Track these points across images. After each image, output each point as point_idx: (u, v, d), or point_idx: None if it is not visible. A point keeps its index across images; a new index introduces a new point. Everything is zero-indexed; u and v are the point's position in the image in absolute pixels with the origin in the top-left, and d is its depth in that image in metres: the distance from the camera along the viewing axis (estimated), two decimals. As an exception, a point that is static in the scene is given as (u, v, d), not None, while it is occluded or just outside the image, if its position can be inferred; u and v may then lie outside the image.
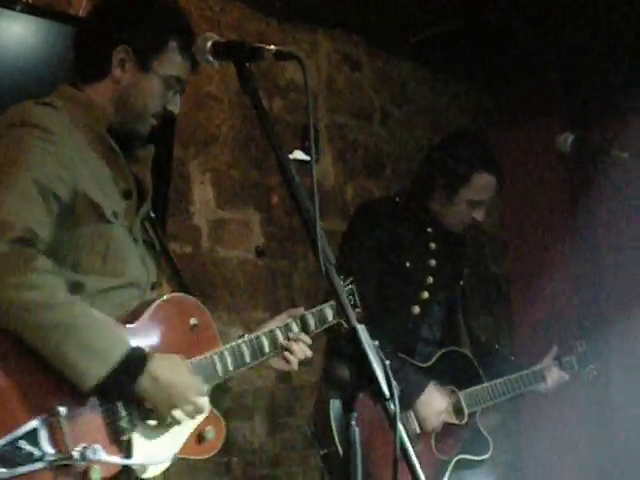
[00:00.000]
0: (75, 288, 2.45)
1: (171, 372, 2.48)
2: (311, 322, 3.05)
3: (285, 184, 2.10)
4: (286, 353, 2.90)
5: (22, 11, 3.93)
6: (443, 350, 3.99)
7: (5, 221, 2.31)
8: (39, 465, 2.24)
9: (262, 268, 5.40)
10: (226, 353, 2.71)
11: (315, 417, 3.66)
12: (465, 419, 3.89)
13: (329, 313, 3.12)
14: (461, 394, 3.91)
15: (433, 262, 3.98)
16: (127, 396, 2.41)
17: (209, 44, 2.30)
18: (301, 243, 5.55)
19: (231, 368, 2.72)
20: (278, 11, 5.53)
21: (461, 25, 5.91)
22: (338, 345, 3.41)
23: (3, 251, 2.28)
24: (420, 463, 1.87)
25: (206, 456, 2.69)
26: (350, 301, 3.23)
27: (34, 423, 2.25)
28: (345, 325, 2.89)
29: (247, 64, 2.22)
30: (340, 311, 1.99)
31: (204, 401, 2.57)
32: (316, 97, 5.86)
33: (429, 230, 4.00)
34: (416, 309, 3.92)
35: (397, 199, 4.07)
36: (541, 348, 4.33)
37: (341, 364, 1.92)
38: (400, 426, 1.86)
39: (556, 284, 6.52)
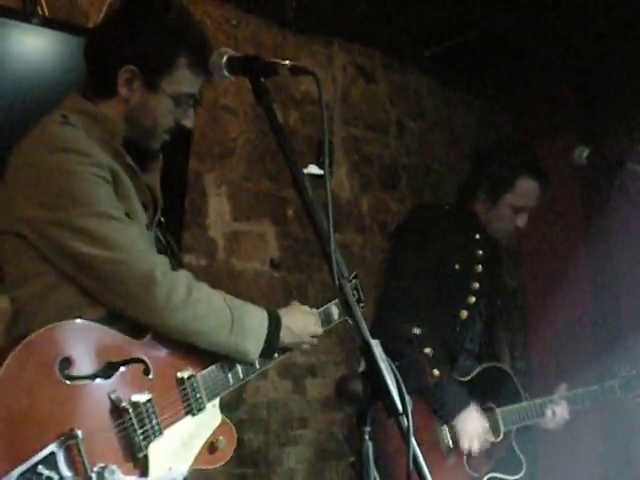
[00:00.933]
0: None
1: (297, 320, 2.91)
2: (335, 313, 3.25)
3: (299, 198, 2.11)
4: None
5: (39, 24, 3.94)
6: (484, 365, 3.99)
7: (144, 255, 2.47)
8: None
9: (277, 280, 5.40)
10: (234, 362, 2.75)
11: (347, 424, 3.67)
12: (500, 437, 3.88)
13: (335, 312, 3.24)
14: (498, 411, 3.90)
15: (480, 268, 4.01)
16: (277, 348, 2.81)
17: (224, 59, 2.29)
18: (316, 255, 5.55)
19: (242, 376, 2.79)
20: (294, 24, 5.54)
21: (476, 38, 5.91)
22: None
23: (157, 279, 2.42)
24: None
25: (218, 465, 2.72)
26: (354, 296, 3.24)
27: (51, 447, 2.23)
28: (350, 322, 2.97)
29: (262, 79, 2.22)
30: (355, 326, 1.98)
31: (314, 339, 3.00)
32: (332, 110, 5.87)
33: (477, 237, 4.03)
34: (464, 314, 3.94)
35: (446, 207, 4.14)
36: (556, 362, 4.31)
37: (354, 377, 1.91)
38: (413, 441, 1.86)
39: (571, 297, 6.50)
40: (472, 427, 3.77)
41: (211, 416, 2.69)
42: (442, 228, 3.99)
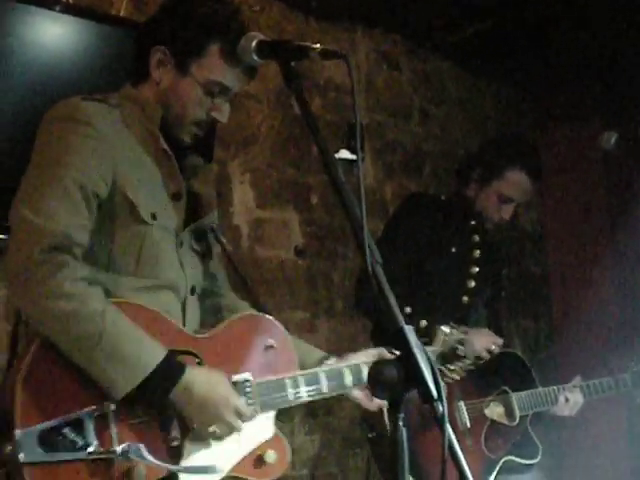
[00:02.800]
0: (106, 292, 2.41)
1: (208, 387, 2.42)
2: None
3: (330, 183, 2.09)
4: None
5: (62, 11, 3.93)
6: (502, 350, 3.98)
7: (44, 227, 2.29)
8: (79, 455, 2.22)
9: (302, 268, 5.39)
10: (301, 379, 2.67)
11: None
12: (516, 421, 3.89)
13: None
14: (514, 396, 3.91)
15: (477, 253, 4.03)
16: (161, 406, 2.37)
17: (254, 43, 2.28)
18: (341, 242, 5.55)
19: (304, 395, 2.67)
20: (317, 10, 5.52)
21: (499, 24, 5.88)
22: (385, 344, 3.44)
23: (37, 259, 2.26)
24: (468, 458, 1.85)
25: None
26: (458, 351, 3.26)
27: (82, 413, 2.24)
28: (447, 374, 2.89)
29: (292, 63, 2.20)
30: (387, 311, 1.96)
31: (240, 423, 2.49)
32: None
33: (472, 222, 4.04)
34: (465, 299, 3.95)
35: (442, 197, 4.17)
36: (583, 349, 4.30)
37: (388, 364, 1.90)
38: (448, 427, 1.84)
39: (597, 284, 6.47)
40: (478, 343, 3.82)
41: (262, 427, 2.61)
42: (436, 214, 4.01)
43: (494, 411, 3.86)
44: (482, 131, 6.79)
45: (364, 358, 2.88)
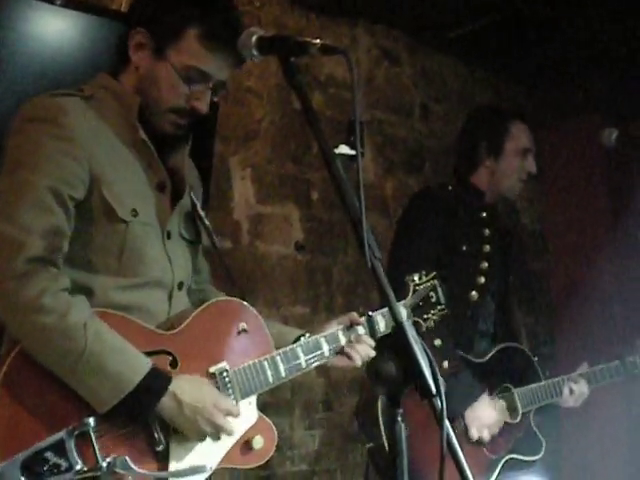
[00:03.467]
0: (86, 293, 2.37)
1: (196, 395, 2.39)
2: (380, 323, 2.93)
3: (330, 178, 2.09)
4: (349, 350, 2.80)
5: (63, 5, 3.92)
6: (500, 346, 3.96)
7: (19, 239, 2.24)
8: (65, 478, 2.18)
9: (302, 263, 5.39)
10: (278, 359, 2.63)
11: (362, 410, 3.64)
12: (519, 418, 3.85)
13: (381, 322, 2.94)
14: (516, 392, 3.87)
15: (487, 247, 3.99)
16: (149, 417, 2.34)
17: (254, 39, 2.25)
18: (341, 238, 5.54)
19: (284, 374, 2.64)
20: (317, 6, 5.52)
21: (500, 20, 5.87)
22: (384, 340, 3.40)
23: (18, 272, 2.22)
24: (468, 461, 1.85)
25: (252, 466, 2.59)
26: (431, 298, 3.16)
27: (61, 434, 2.20)
28: (423, 324, 2.85)
29: (292, 59, 2.19)
30: (388, 307, 1.96)
31: (232, 423, 2.47)
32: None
33: (483, 215, 4.02)
34: (474, 295, 3.92)
35: (449, 187, 4.08)
36: (583, 345, 4.28)
37: (387, 359, 1.90)
38: (447, 423, 1.84)
39: (598, 280, 6.46)
40: (482, 418, 3.73)
41: (246, 413, 2.56)
42: (446, 210, 3.95)
43: (498, 409, 3.83)
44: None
45: (337, 325, 2.86)
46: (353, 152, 2.07)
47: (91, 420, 2.23)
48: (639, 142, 3.97)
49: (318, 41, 2.17)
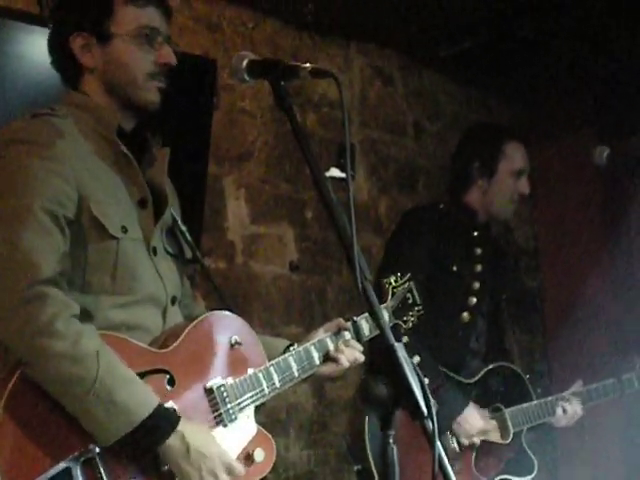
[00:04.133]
0: (84, 316, 2.35)
1: (203, 442, 2.38)
2: (365, 328, 2.99)
3: (321, 201, 2.10)
4: (335, 354, 2.85)
5: (49, 27, 3.95)
6: (490, 366, 3.95)
7: (29, 262, 2.23)
8: None
9: (296, 283, 5.40)
10: (272, 369, 2.65)
11: (350, 432, 3.63)
12: (509, 438, 3.82)
13: (365, 327, 3.00)
14: (507, 412, 3.85)
15: (479, 267, 3.98)
16: (148, 456, 2.31)
17: (245, 63, 2.28)
18: (335, 258, 5.55)
19: (278, 385, 2.66)
20: (311, 26, 5.54)
21: (493, 39, 5.89)
22: (375, 361, 3.40)
23: (25, 295, 2.20)
24: None
25: (256, 479, 2.58)
26: (409, 299, 3.17)
27: (66, 463, 2.18)
28: (403, 326, 2.86)
29: (282, 82, 2.21)
30: (378, 328, 1.97)
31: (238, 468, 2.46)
32: (349, 112, 5.87)
33: (475, 234, 4.01)
34: (466, 316, 3.90)
35: (441, 206, 4.07)
36: (576, 364, 4.27)
37: (378, 381, 1.90)
38: (439, 444, 1.85)
39: (591, 298, 6.46)
40: (470, 426, 3.72)
41: (245, 426, 2.58)
42: (436, 230, 3.95)
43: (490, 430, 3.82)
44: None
45: (324, 332, 2.91)
46: (343, 175, 2.08)
47: (96, 448, 2.21)
48: (631, 159, 3.98)
49: (308, 65, 2.20)
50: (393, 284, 3.17)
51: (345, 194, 2.08)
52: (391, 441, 1.91)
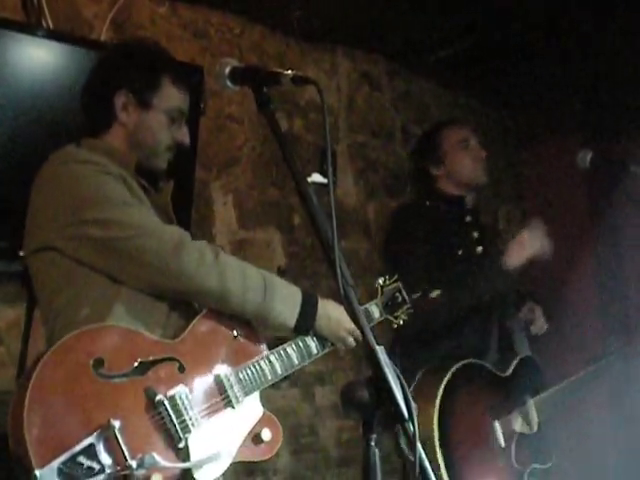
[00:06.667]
0: (108, 299, 2.61)
1: (333, 310, 2.89)
2: (375, 312, 3.22)
3: (303, 207, 2.12)
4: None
5: (44, 37, 3.98)
6: (520, 357, 4.01)
7: (155, 228, 2.63)
8: (100, 478, 2.30)
9: (284, 288, 5.39)
10: (273, 358, 2.84)
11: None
12: (535, 428, 3.88)
13: (375, 311, 3.24)
14: (531, 403, 3.89)
15: (479, 249, 4.03)
16: (312, 327, 2.85)
17: (227, 70, 2.34)
18: (323, 262, 5.52)
19: (280, 372, 2.84)
20: (297, 32, 5.55)
21: (481, 43, 5.92)
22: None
23: (188, 246, 2.61)
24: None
25: (264, 458, 2.78)
26: (397, 298, 3.34)
27: (90, 439, 2.31)
28: (394, 321, 3.21)
29: (264, 89, 2.25)
30: (360, 332, 2.00)
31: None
32: (337, 117, 5.89)
33: (468, 219, 4.07)
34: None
35: (427, 203, 4.16)
36: (564, 361, 4.30)
37: (359, 385, 1.93)
38: (419, 447, 1.86)
39: (579, 299, 6.49)
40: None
41: (252, 408, 2.77)
42: (432, 222, 4.02)
43: (520, 423, 3.85)
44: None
45: None
46: (325, 180, 2.10)
47: (116, 422, 2.35)
48: (614, 163, 4.02)
49: (290, 72, 2.24)
50: (381, 284, 3.32)
51: (327, 200, 2.10)
52: (373, 444, 1.92)
